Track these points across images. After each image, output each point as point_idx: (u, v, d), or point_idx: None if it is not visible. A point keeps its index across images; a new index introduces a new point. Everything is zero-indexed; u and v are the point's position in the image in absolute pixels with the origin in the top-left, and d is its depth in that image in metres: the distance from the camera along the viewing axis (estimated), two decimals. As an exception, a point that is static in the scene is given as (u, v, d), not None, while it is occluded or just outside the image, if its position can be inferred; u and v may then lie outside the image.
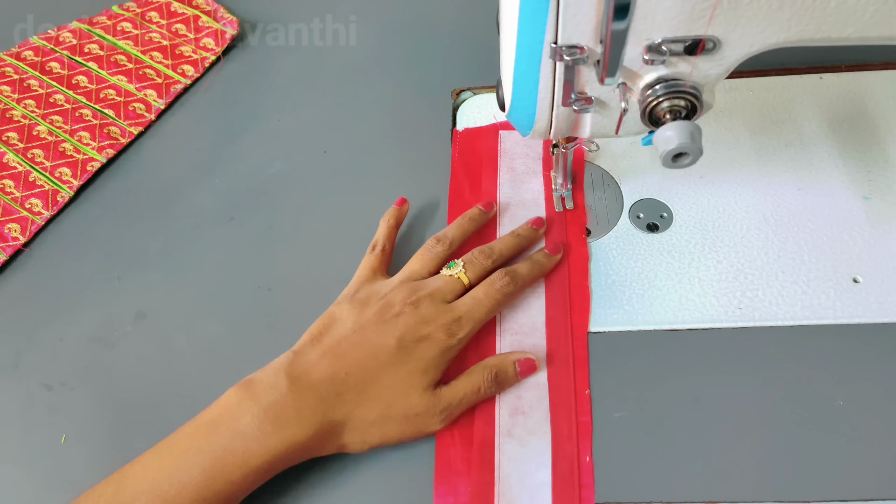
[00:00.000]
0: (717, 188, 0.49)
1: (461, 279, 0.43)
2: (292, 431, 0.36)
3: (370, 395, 0.38)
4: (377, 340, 0.39)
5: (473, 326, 0.41)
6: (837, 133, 0.51)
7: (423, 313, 0.40)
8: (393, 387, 0.39)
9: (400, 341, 0.39)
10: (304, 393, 0.37)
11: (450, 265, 0.44)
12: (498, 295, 0.42)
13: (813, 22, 0.32)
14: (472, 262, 0.44)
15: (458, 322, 0.41)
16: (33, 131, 0.57)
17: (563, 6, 0.32)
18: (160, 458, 0.36)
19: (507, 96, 0.39)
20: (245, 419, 0.36)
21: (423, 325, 0.40)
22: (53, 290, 0.50)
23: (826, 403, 0.40)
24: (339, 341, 0.40)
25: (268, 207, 0.52)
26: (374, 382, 0.38)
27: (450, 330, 0.40)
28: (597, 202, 0.49)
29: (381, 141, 0.55)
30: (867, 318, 0.43)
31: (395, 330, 0.39)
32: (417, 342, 0.39)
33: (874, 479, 0.38)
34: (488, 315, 0.42)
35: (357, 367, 0.38)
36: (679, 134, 0.33)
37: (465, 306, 0.41)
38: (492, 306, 0.42)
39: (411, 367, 0.39)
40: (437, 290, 0.42)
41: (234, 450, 0.36)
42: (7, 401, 0.45)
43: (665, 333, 0.43)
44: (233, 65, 0.62)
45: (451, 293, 0.42)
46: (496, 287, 0.42)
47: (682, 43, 0.33)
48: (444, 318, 0.40)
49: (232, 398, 0.37)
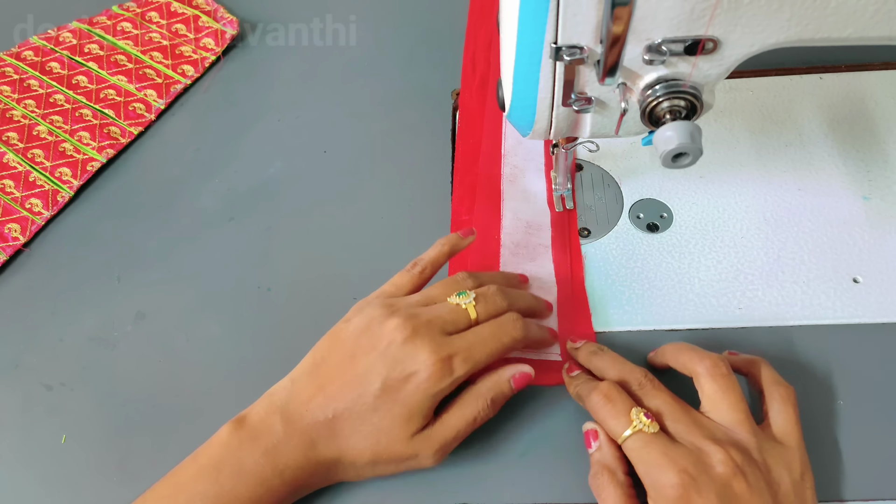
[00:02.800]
0: (717, 188, 0.49)
1: (469, 311, 0.39)
2: (292, 474, 0.36)
3: (359, 438, 0.37)
4: (364, 378, 0.36)
5: (471, 368, 0.37)
6: (837, 133, 0.51)
7: (416, 345, 0.36)
8: (379, 433, 0.36)
9: (385, 382, 0.36)
10: (299, 437, 0.36)
11: (460, 293, 0.39)
12: (506, 339, 0.38)
13: (813, 22, 0.32)
14: (485, 298, 0.39)
15: (453, 359, 0.37)
16: (33, 131, 0.57)
17: (563, 6, 0.32)
18: (161, 501, 0.36)
19: (507, 96, 0.39)
20: (247, 463, 0.36)
21: (412, 359, 0.36)
22: (53, 290, 0.50)
23: (826, 403, 0.40)
24: (331, 377, 0.37)
25: (268, 207, 0.52)
26: (360, 426, 0.37)
27: (443, 370, 0.36)
28: (597, 202, 0.49)
29: (381, 141, 0.55)
30: (867, 318, 0.43)
31: (383, 367, 0.36)
32: (403, 382, 0.36)
33: (874, 479, 0.38)
34: (489, 358, 0.38)
35: (345, 410, 0.36)
36: (679, 134, 0.33)
37: (466, 342, 0.37)
38: (496, 349, 0.38)
39: (395, 413, 0.36)
40: (437, 318, 0.38)
41: (240, 494, 0.35)
42: (7, 401, 0.45)
43: (665, 333, 0.43)
44: (233, 65, 0.62)
45: (454, 325, 0.38)
46: (506, 330, 0.38)
47: (682, 43, 0.33)
48: (438, 353, 0.36)
49: (233, 441, 0.37)
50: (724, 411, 0.35)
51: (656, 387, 0.37)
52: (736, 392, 0.36)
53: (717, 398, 0.35)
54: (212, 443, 0.37)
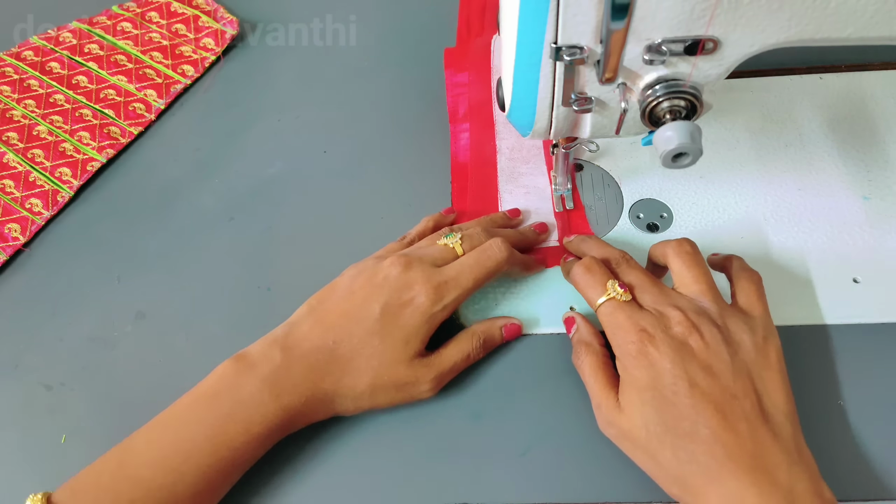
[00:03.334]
0: (717, 188, 0.49)
1: (455, 249, 0.42)
2: (289, 399, 0.37)
3: (357, 364, 0.38)
4: (363, 306, 0.39)
5: (460, 294, 0.40)
6: (837, 133, 0.51)
7: (410, 276, 0.40)
8: (379, 357, 0.38)
9: (384, 308, 0.39)
10: (296, 363, 0.38)
11: (447, 235, 0.43)
12: (489, 262, 0.41)
13: (813, 22, 0.32)
14: (470, 236, 0.43)
15: (444, 286, 0.40)
16: (33, 131, 0.57)
17: (563, 6, 0.32)
18: (163, 430, 0.37)
19: (507, 96, 0.39)
20: (245, 389, 0.37)
21: (408, 288, 0.39)
22: (53, 290, 0.50)
23: (826, 403, 0.40)
24: (330, 309, 0.40)
25: (268, 207, 0.52)
26: (360, 352, 0.38)
27: (435, 294, 0.39)
28: (597, 202, 0.49)
29: (381, 141, 0.55)
30: (867, 318, 0.43)
31: (381, 295, 0.39)
32: (401, 308, 0.39)
33: (874, 479, 0.38)
34: (476, 284, 0.41)
35: (344, 336, 0.38)
36: (679, 134, 0.33)
37: (453, 271, 0.40)
38: (481, 274, 0.41)
39: (395, 337, 0.39)
40: (427, 255, 0.41)
41: (236, 417, 0.36)
42: (7, 401, 0.45)
43: (665, 333, 0.43)
44: (233, 65, 0.62)
45: (443, 260, 0.41)
46: (489, 255, 0.41)
47: (682, 43, 0.33)
48: (430, 281, 0.39)
49: (229, 370, 0.38)
50: (689, 283, 0.38)
51: (632, 266, 0.41)
52: (699, 266, 0.39)
53: (683, 272, 0.38)
54: (210, 376, 0.38)
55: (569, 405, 0.41)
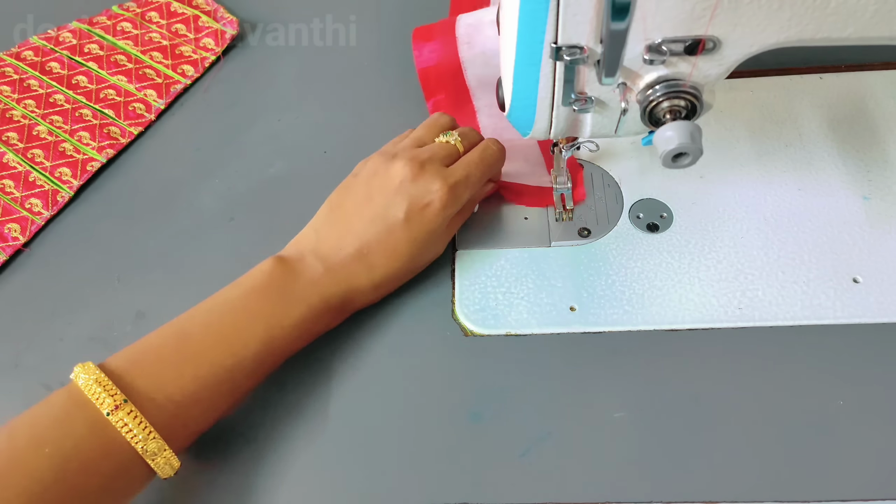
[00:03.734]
0: (717, 188, 0.49)
1: (458, 146, 0.46)
2: (331, 294, 0.42)
3: (388, 260, 0.43)
4: (387, 212, 0.42)
5: (473, 189, 0.45)
6: (837, 133, 0.51)
7: (426, 178, 0.43)
8: (409, 248, 0.43)
9: (408, 212, 0.42)
10: (335, 272, 0.42)
11: (445, 133, 0.47)
12: (491, 159, 0.46)
13: (813, 22, 0.32)
14: (465, 135, 0.47)
15: (457, 186, 0.43)
16: (33, 131, 0.57)
17: (563, 6, 0.32)
18: (220, 317, 0.40)
19: (507, 96, 0.39)
20: (295, 290, 0.41)
21: (427, 191, 0.43)
22: (53, 290, 0.50)
23: (826, 403, 0.40)
24: (353, 213, 0.43)
25: (268, 207, 0.52)
26: (391, 251, 0.43)
27: (452, 194, 0.43)
28: (597, 202, 0.49)
29: (381, 141, 0.55)
30: (867, 318, 0.43)
31: (403, 200, 0.42)
32: (423, 210, 0.43)
33: (874, 479, 0.38)
34: (484, 177, 0.46)
35: (374, 241, 0.42)
36: (679, 134, 0.33)
37: (464, 169, 0.44)
38: (488, 169, 0.46)
39: (421, 231, 0.43)
40: (435, 155, 0.45)
41: (290, 312, 0.40)
42: (7, 401, 0.45)
43: (665, 333, 0.43)
44: (233, 65, 0.62)
45: (449, 157, 0.45)
46: (490, 152, 0.46)
47: (682, 43, 0.33)
48: (446, 182, 0.43)
49: (277, 270, 0.41)
50: None
51: None
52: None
53: None
54: (256, 272, 0.41)
55: (569, 405, 0.41)
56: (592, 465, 0.39)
